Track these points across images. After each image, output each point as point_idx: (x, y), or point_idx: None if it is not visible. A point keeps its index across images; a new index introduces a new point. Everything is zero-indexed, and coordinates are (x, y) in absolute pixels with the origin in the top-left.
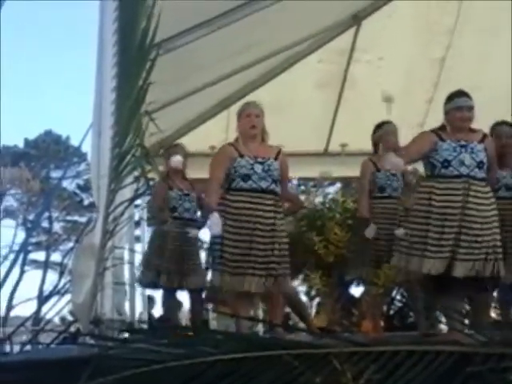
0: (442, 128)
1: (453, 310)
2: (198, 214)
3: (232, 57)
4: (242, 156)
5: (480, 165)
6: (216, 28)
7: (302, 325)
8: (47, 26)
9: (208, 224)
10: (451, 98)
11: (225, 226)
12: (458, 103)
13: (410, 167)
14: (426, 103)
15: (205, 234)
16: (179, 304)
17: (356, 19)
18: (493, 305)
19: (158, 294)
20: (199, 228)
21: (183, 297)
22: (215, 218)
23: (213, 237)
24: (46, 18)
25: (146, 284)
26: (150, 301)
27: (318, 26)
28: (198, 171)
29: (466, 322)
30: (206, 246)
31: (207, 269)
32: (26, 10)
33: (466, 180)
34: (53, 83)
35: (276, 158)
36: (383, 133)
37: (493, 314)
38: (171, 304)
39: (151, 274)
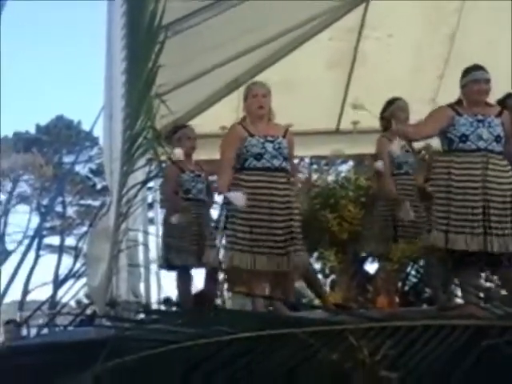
0: (459, 102)
1: (469, 284)
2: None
3: (241, 37)
4: (252, 135)
5: (497, 139)
6: (224, 9)
7: (317, 302)
8: (59, 14)
9: (232, 197)
10: (468, 71)
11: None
12: (475, 76)
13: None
14: (437, 79)
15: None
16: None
17: None
18: None
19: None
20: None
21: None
22: (235, 194)
23: (229, 216)
24: (56, 6)
25: (165, 265)
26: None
27: (328, 3)
28: (209, 152)
29: (482, 295)
30: (219, 224)
31: (223, 248)
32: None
33: (485, 154)
34: (63, 68)
35: (284, 136)
36: (394, 108)
37: None
38: (187, 283)
39: (170, 255)
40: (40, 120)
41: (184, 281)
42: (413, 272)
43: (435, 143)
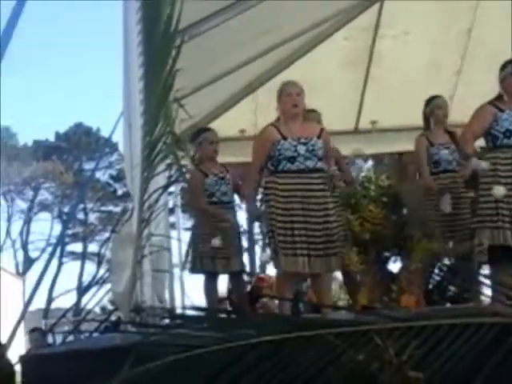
0: (499, 98)
1: (498, 281)
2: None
3: (257, 39)
4: (285, 138)
5: None
6: (239, 11)
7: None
8: (76, 22)
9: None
10: (505, 65)
11: (276, 208)
12: None
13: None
14: (455, 75)
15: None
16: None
17: None
18: None
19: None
20: (235, 210)
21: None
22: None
23: (265, 219)
24: (73, 14)
25: (194, 270)
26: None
27: (342, 3)
28: (228, 155)
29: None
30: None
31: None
32: (57, 7)
33: None
34: (81, 76)
35: (319, 137)
36: (433, 107)
37: None
38: (213, 289)
39: (198, 261)
40: (59, 128)
41: (211, 286)
42: (436, 270)
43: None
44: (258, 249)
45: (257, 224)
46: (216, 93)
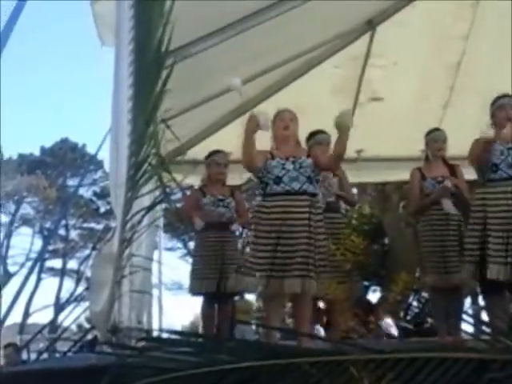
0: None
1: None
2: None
3: (248, 63)
4: (273, 158)
5: None
6: (231, 35)
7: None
8: (64, 35)
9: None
10: (495, 100)
11: (258, 231)
12: (500, 102)
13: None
14: (442, 108)
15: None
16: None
17: (371, 24)
18: None
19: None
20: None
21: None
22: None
23: (249, 242)
24: (63, 27)
25: (194, 292)
26: None
27: (334, 31)
28: None
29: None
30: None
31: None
32: (43, 21)
33: None
34: (69, 91)
35: (308, 156)
36: (429, 140)
37: None
38: (208, 311)
39: (197, 282)
40: (45, 142)
41: (206, 308)
42: (414, 303)
43: None
44: None
45: None
46: (204, 115)
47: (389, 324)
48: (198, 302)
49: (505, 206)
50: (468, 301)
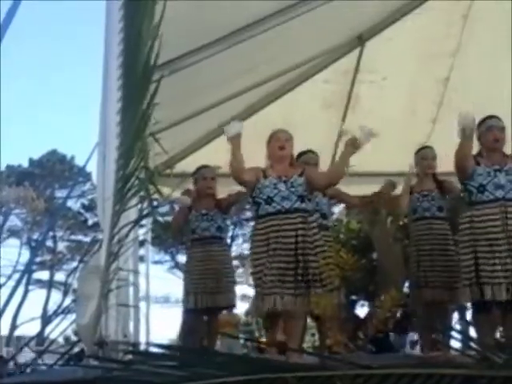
0: (479, 154)
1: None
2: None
3: (237, 77)
4: (265, 177)
5: None
6: (221, 49)
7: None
8: (54, 44)
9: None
10: (482, 122)
11: (254, 254)
12: (488, 124)
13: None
14: (430, 123)
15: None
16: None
17: (360, 40)
18: None
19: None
20: (225, 245)
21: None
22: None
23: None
24: (52, 34)
25: (186, 307)
26: None
27: (324, 46)
28: None
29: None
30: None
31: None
32: (33, 28)
33: (503, 203)
34: (57, 102)
35: (301, 175)
36: (418, 157)
37: None
38: (193, 326)
39: (189, 298)
40: (33, 154)
41: (192, 321)
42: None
43: None
44: None
45: None
46: (192, 129)
47: None
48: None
49: (492, 228)
50: (455, 316)
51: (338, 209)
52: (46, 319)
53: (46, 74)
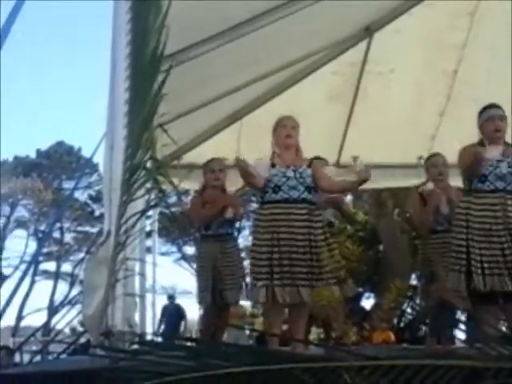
0: (480, 143)
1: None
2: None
3: (245, 68)
4: (273, 166)
5: None
6: (228, 40)
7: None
8: (63, 39)
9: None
10: (482, 111)
11: (258, 240)
12: (488, 114)
13: None
14: (438, 116)
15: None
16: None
17: (368, 31)
18: None
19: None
20: (236, 241)
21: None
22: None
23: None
24: (60, 28)
25: (202, 304)
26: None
27: (331, 38)
28: None
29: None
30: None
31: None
32: (40, 19)
33: (503, 195)
34: (65, 94)
35: (309, 166)
36: (428, 165)
37: None
38: (209, 320)
39: (203, 294)
40: (41, 145)
41: (207, 317)
42: (408, 309)
43: None
44: None
45: None
46: (200, 120)
47: None
48: (191, 306)
49: (489, 218)
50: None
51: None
52: (53, 310)
53: (53, 70)
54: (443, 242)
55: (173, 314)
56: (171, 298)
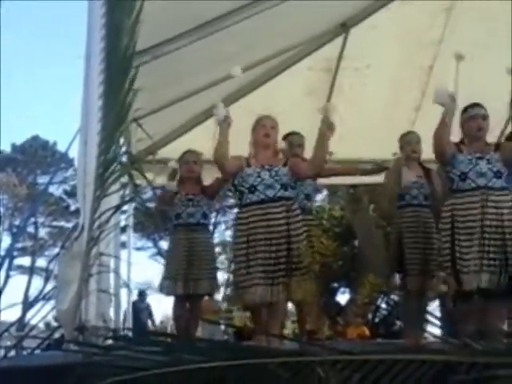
0: (461, 141)
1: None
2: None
3: (220, 63)
4: (249, 166)
5: (497, 174)
6: (204, 35)
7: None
8: (35, 28)
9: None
10: (465, 110)
11: (237, 244)
12: (471, 113)
13: None
14: (414, 111)
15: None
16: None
17: (344, 27)
18: None
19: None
20: (209, 233)
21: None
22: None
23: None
24: (35, 20)
25: (165, 292)
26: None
27: (307, 33)
28: None
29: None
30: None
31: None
32: (17, 14)
33: (484, 192)
34: (40, 88)
35: (285, 165)
36: (402, 143)
37: None
38: (180, 311)
39: (168, 282)
40: (15, 139)
41: (178, 308)
42: (383, 305)
43: None
44: None
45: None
46: (175, 115)
47: None
48: (166, 301)
49: (473, 216)
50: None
51: (319, 197)
52: (27, 305)
53: (29, 66)
54: (410, 216)
55: (142, 311)
56: (142, 295)
